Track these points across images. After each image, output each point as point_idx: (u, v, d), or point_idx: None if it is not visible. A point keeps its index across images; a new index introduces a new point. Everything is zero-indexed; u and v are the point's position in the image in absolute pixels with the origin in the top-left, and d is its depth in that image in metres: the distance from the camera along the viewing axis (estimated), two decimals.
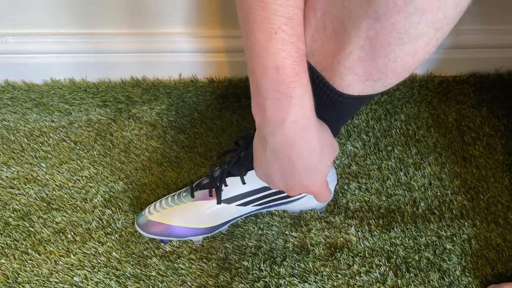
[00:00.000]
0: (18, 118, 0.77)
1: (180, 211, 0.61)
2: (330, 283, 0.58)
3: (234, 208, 0.61)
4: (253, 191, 0.60)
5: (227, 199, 0.60)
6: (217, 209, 0.60)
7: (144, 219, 0.61)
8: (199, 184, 0.63)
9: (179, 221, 0.60)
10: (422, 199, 0.65)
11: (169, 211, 0.61)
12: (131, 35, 0.78)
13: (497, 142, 0.72)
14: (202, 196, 0.61)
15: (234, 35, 0.78)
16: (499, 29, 0.78)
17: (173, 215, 0.61)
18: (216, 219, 0.61)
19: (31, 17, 0.76)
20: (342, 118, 0.52)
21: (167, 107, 0.78)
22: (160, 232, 0.60)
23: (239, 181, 0.59)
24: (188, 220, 0.61)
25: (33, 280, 0.58)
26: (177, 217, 0.61)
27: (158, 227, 0.60)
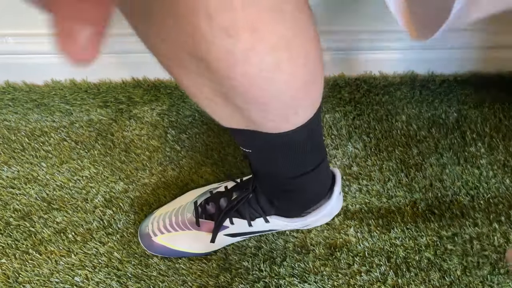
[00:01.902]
0: (19, 118, 0.77)
1: (184, 238, 0.61)
2: (330, 283, 0.57)
3: (237, 239, 0.62)
4: (260, 231, 0.61)
5: (232, 234, 0.60)
6: (221, 240, 0.61)
7: (148, 237, 0.61)
8: (204, 209, 0.62)
9: (183, 247, 0.61)
10: (423, 200, 0.65)
11: (173, 235, 0.61)
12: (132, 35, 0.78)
13: (499, 143, 0.71)
14: (207, 228, 0.60)
15: None
16: (501, 29, 0.78)
17: (177, 240, 0.61)
18: (218, 245, 0.62)
19: (31, 17, 0.76)
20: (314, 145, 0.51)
21: (168, 107, 0.78)
22: (162, 252, 0.61)
23: (245, 223, 0.59)
24: (191, 247, 0.61)
25: (34, 280, 0.58)
26: (180, 243, 0.61)
27: (161, 249, 0.61)
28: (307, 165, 0.51)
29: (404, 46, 0.80)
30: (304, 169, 0.51)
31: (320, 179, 0.56)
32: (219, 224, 0.59)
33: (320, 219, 0.60)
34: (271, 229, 0.61)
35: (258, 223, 0.59)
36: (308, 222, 0.59)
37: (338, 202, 0.61)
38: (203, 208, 0.62)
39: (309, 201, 0.58)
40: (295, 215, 0.59)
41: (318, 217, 0.59)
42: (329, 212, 0.59)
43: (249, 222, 0.59)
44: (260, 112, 0.38)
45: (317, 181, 0.55)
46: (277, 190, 0.55)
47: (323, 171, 0.55)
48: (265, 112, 0.38)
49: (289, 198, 0.56)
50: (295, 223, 0.59)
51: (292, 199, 0.57)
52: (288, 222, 0.58)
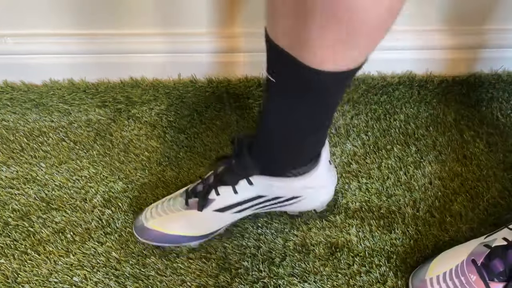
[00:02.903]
0: (18, 118, 0.77)
1: (175, 219, 0.60)
2: (330, 283, 0.57)
3: (229, 215, 0.60)
4: (246, 200, 0.59)
5: (220, 209, 0.59)
6: (211, 217, 0.60)
7: (141, 224, 0.61)
8: (194, 190, 0.61)
9: (174, 229, 0.60)
10: (423, 199, 0.65)
11: (164, 218, 0.61)
12: (130, 35, 0.78)
13: (497, 140, 0.72)
14: (195, 205, 0.60)
15: (234, 35, 0.78)
16: (498, 29, 0.79)
17: (168, 223, 0.60)
18: (211, 226, 0.61)
19: (30, 18, 0.76)
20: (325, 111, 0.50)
21: (167, 107, 0.78)
22: (155, 239, 0.60)
23: (230, 190, 0.58)
24: (183, 228, 0.60)
25: (33, 280, 0.58)
26: (171, 226, 0.60)
27: (154, 233, 0.60)
28: (325, 122, 0.49)
29: (402, 46, 0.80)
30: (320, 126, 0.49)
31: (319, 140, 0.55)
32: (204, 194, 0.58)
33: (308, 192, 0.59)
34: (260, 196, 0.58)
35: (242, 187, 0.57)
36: (297, 190, 0.58)
37: (328, 173, 0.59)
38: (192, 190, 0.61)
39: (300, 160, 0.57)
40: (279, 174, 0.57)
41: (306, 185, 0.57)
42: (317, 183, 0.58)
43: (233, 188, 0.58)
44: (321, 28, 0.36)
45: (317, 142, 0.54)
46: (275, 147, 0.54)
47: (325, 132, 0.54)
48: (326, 30, 0.36)
49: (280, 155, 0.55)
50: (280, 185, 0.57)
51: (284, 156, 0.56)
52: (273, 182, 0.56)
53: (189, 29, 0.77)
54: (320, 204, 0.62)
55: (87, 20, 0.77)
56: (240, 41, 0.79)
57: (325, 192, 0.61)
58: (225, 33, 0.78)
